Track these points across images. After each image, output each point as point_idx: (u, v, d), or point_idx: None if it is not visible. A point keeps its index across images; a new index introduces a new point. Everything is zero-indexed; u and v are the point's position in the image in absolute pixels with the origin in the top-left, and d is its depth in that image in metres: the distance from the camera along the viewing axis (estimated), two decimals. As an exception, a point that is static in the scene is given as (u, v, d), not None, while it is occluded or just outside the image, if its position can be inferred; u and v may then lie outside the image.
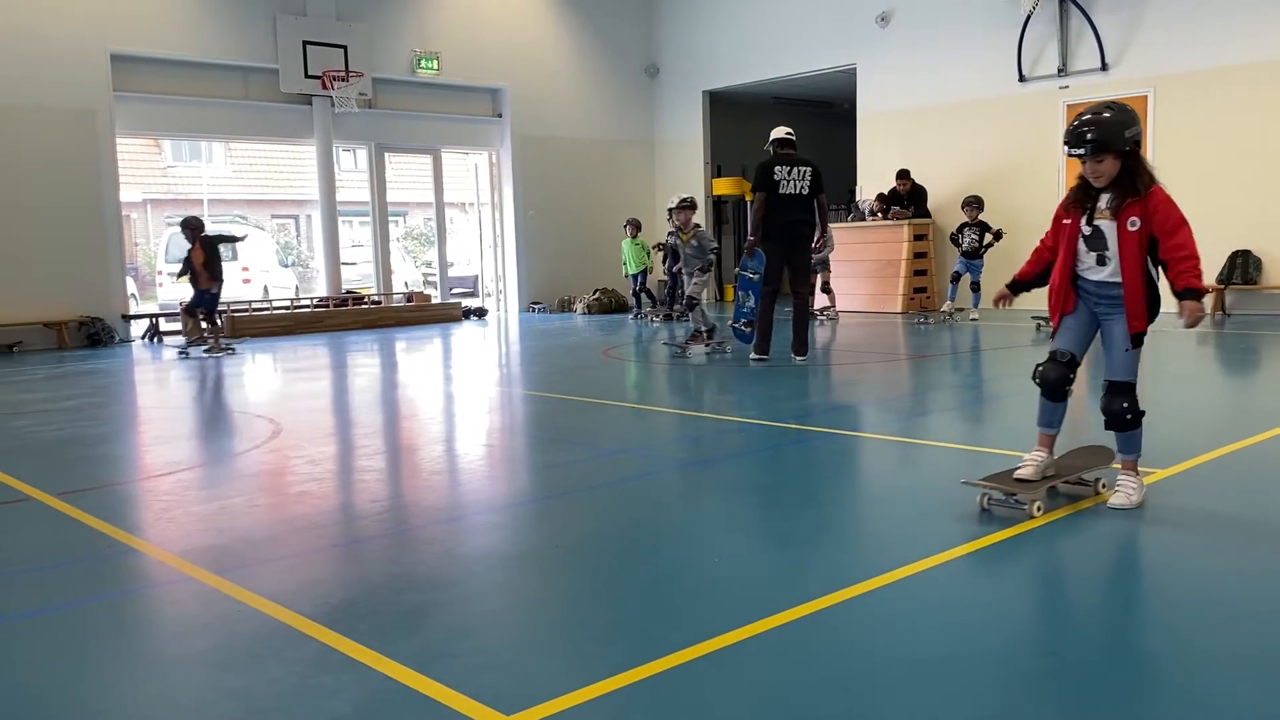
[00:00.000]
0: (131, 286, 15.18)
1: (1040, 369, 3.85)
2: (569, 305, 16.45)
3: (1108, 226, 3.67)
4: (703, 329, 9.35)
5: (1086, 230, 3.74)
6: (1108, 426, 3.77)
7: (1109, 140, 3.60)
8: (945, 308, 12.24)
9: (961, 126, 13.87)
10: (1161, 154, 12.26)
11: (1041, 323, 10.73)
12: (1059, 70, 12.90)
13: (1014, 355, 8.97)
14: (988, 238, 11.87)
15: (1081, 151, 3.63)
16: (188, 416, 7.20)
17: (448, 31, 15.48)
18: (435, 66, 15.35)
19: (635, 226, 14.40)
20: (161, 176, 27.05)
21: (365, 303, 15.08)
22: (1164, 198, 3.64)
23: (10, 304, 11.89)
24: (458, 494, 4.64)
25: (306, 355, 11.01)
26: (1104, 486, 3.91)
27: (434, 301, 15.84)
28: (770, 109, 18.59)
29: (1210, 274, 11.81)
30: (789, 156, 8.35)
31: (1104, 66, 12.52)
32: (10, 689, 2.53)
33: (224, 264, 10.96)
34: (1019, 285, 4.04)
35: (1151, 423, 3.95)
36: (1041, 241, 3.97)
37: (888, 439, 5.49)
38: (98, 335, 12.38)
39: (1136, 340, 3.69)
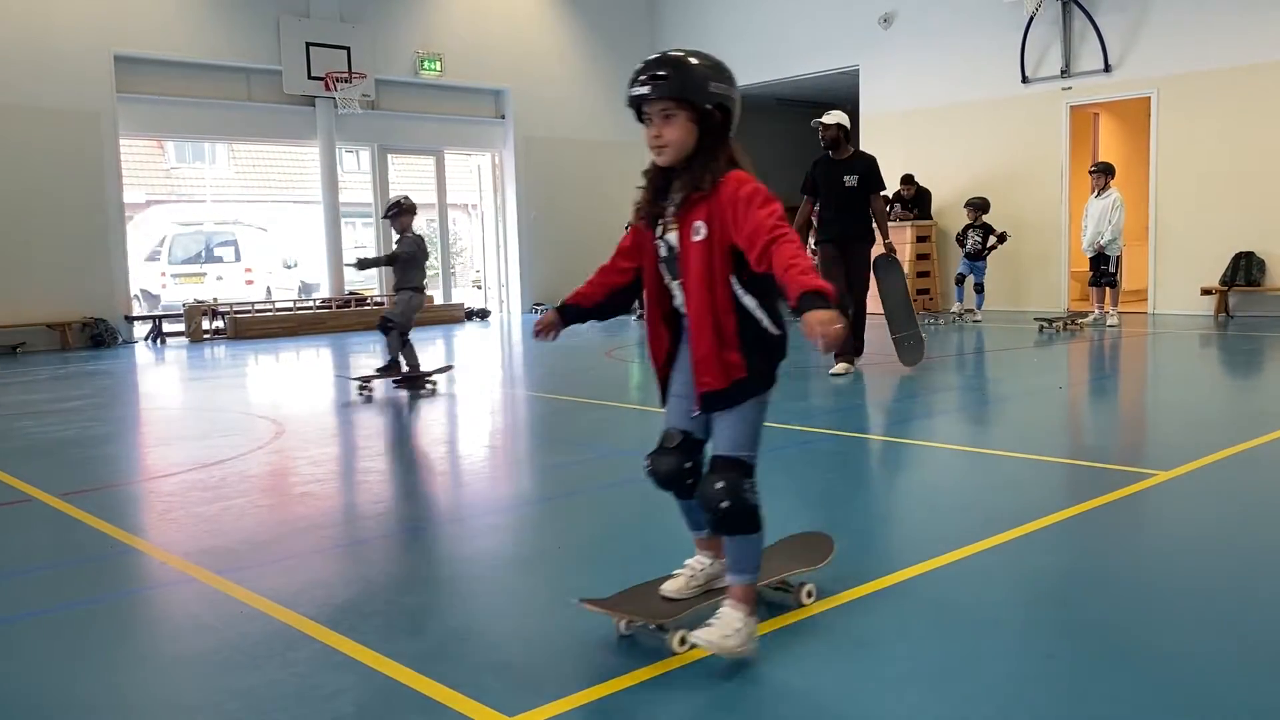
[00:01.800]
0: (135, 288, 15.18)
1: (649, 462, 2.66)
2: (572, 306, 16.44)
3: (675, 239, 2.51)
4: (398, 360, 7.68)
5: (663, 249, 2.55)
6: (713, 526, 2.58)
7: (686, 86, 2.40)
8: (955, 308, 12.25)
9: (964, 127, 13.86)
10: (1165, 155, 12.26)
11: (1045, 324, 10.74)
12: (1062, 71, 12.89)
13: (1022, 355, 8.96)
14: (991, 240, 11.87)
15: (645, 91, 2.41)
16: (190, 417, 7.21)
17: (450, 33, 15.48)
18: (438, 68, 15.35)
19: (638, 228, 14.41)
20: (165, 178, 27.07)
21: (368, 304, 15.09)
22: (741, 179, 2.43)
23: (14, 305, 11.90)
24: (460, 495, 4.64)
25: (308, 357, 11.01)
26: (809, 595, 2.86)
27: (436, 303, 15.84)
28: (773, 110, 18.60)
29: (1214, 276, 11.80)
30: None
31: (1107, 68, 12.51)
32: (12, 689, 2.53)
33: None
34: (572, 311, 2.75)
35: (1153, 424, 3.93)
36: (618, 248, 2.73)
37: (889, 441, 5.48)
38: (101, 336, 12.39)
39: (708, 403, 2.46)
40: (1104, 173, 11.02)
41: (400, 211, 7.81)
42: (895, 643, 2.61)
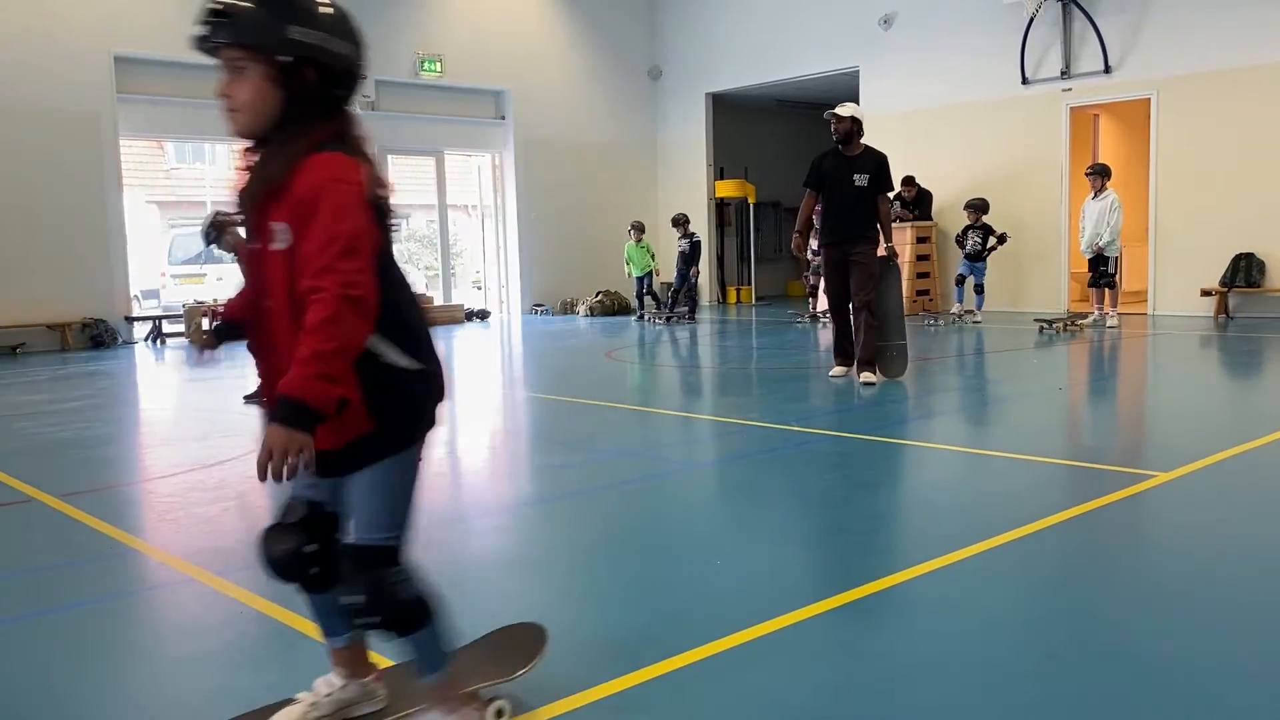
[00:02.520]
0: (134, 288, 15.18)
1: (260, 542, 2.07)
2: (572, 307, 16.44)
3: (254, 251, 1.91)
4: None
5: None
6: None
7: (245, 28, 1.83)
8: (954, 309, 12.25)
9: (964, 129, 13.86)
10: (1165, 157, 12.26)
11: (1045, 325, 10.74)
12: (1062, 73, 12.88)
13: (1022, 357, 8.96)
14: (991, 240, 11.88)
15: (201, 33, 1.86)
16: (190, 418, 7.20)
17: (451, 34, 15.48)
18: (438, 69, 15.35)
19: (639, 229, 14.42)
20: (165, 178, 27.08)
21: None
22: (326, 165, 1.80)
23: (13, 306, 11.89)
24: (460, 496, 4.64)
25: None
26: (500, 715, 2.17)
27: (436, 303, 15.85)
28: (773, 111, 18.61)
29: (1214, 277, 11.80)
30: None
31: (1107, 69, 12.50)
32: (13, 689, 2.53)
33: None
34: (227, 329, 2.07)
35: (1153, 425, 3.93)
36: None
37: (888, 442, 5.48)
38: (100, 337, 12.39)
39: (324, 466, 1.87)
40: (1100, 174, 11.03)
41: (221, 233, 6.41)
42: (903, 640, 2.62)
